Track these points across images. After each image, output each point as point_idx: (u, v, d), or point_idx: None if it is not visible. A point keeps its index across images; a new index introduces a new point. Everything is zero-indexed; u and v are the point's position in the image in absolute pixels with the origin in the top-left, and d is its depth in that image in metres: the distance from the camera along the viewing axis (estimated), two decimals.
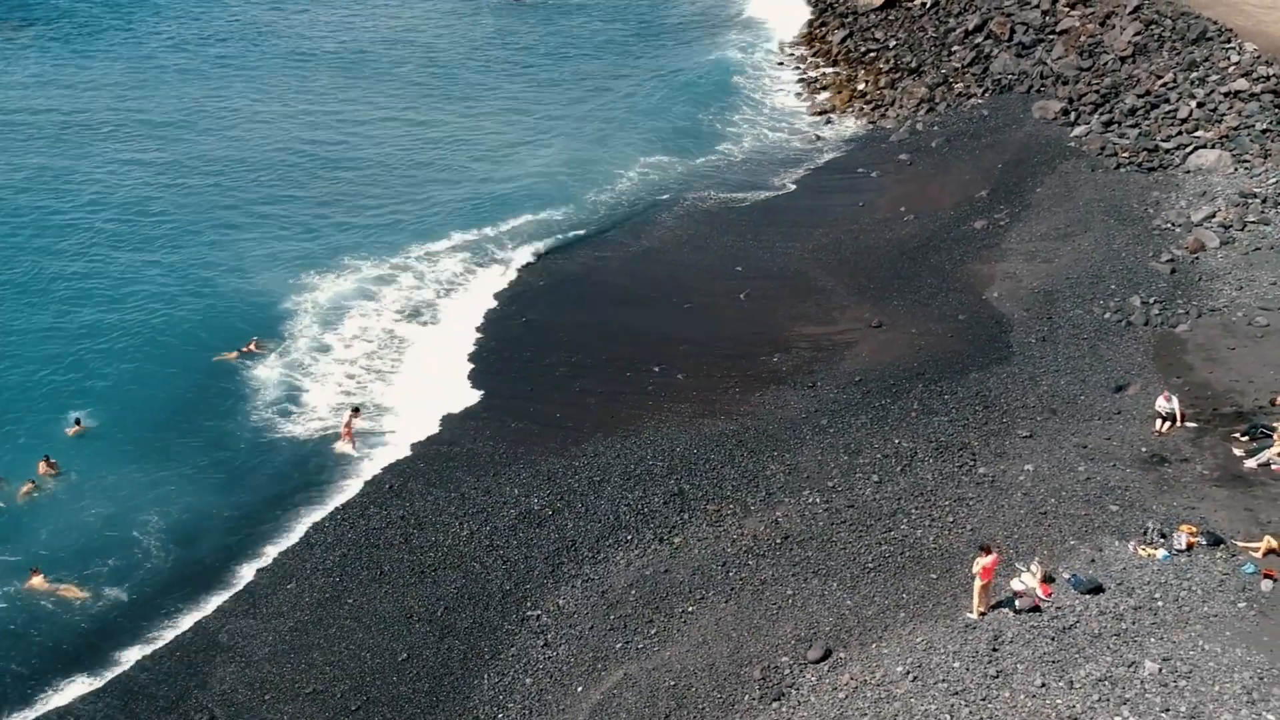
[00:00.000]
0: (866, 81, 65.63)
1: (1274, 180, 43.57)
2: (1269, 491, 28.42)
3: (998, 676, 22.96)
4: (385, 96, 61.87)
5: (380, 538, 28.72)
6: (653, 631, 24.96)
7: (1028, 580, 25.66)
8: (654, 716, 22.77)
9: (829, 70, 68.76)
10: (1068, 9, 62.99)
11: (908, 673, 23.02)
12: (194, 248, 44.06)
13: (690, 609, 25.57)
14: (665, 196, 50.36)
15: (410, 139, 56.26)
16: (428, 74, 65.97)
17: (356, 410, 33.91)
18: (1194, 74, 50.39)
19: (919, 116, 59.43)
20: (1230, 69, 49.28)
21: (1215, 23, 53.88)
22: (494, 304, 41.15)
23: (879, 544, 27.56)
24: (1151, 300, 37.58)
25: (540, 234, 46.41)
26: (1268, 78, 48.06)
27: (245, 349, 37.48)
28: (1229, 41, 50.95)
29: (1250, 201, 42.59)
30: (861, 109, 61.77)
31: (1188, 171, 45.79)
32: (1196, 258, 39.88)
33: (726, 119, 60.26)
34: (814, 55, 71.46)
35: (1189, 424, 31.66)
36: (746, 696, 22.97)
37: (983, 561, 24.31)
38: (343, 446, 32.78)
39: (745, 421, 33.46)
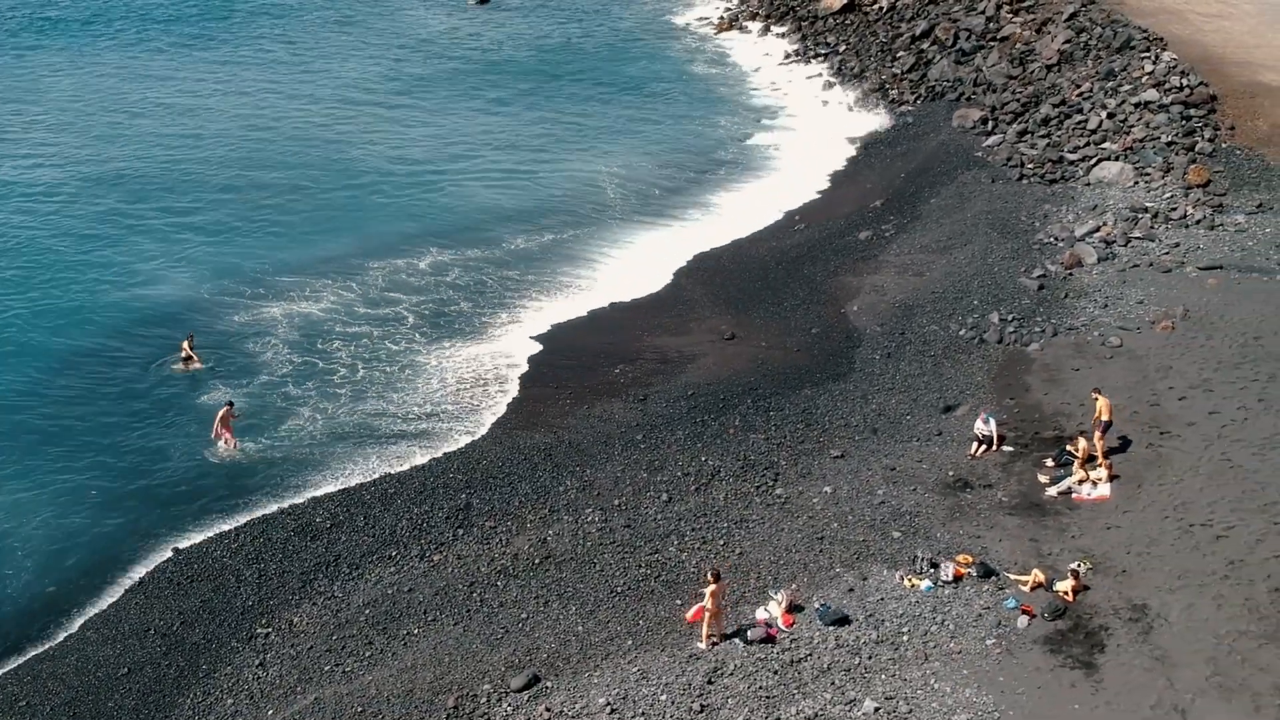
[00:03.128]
0: (805, 84, 64.25)
1: (1169, 195, 42.02)
2: (1060, 522, 27.18)
3: (702, 712, 21.96)
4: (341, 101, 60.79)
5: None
6: (367, 654, 24.14)
7: (772, 609, 24.58)
8: None
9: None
10: (1010, 15, 61.45)
11: (608, 704, 22.05)
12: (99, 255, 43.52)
13: (415, 631, 24.73)
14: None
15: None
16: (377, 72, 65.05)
17: (231, 405, 32.97)
18: (1110, 83, 48.70)
19: (855, 122, 58.08)
20: (1143, 79, 47.56)
21: (1144, 31, 52.27)
22: (331, 315, 40.09)
23: (639, 567, 26.59)
24: (1010, 317, 36.27)
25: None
26: (1180, 88, 46.37)
27: (184, 360, 36.42)
28: (1147, 50, 49.18)
29: (1140, 217, 41.11)
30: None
31: (1088, 184, 44.30)
32: (1071, 274, 38.47)
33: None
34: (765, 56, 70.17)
35: (1006, 448, 30.37)
36: None
37: (708, 589, 23.30)
38: (224, 448, 31.98)
39: (562, 435, 32.56)
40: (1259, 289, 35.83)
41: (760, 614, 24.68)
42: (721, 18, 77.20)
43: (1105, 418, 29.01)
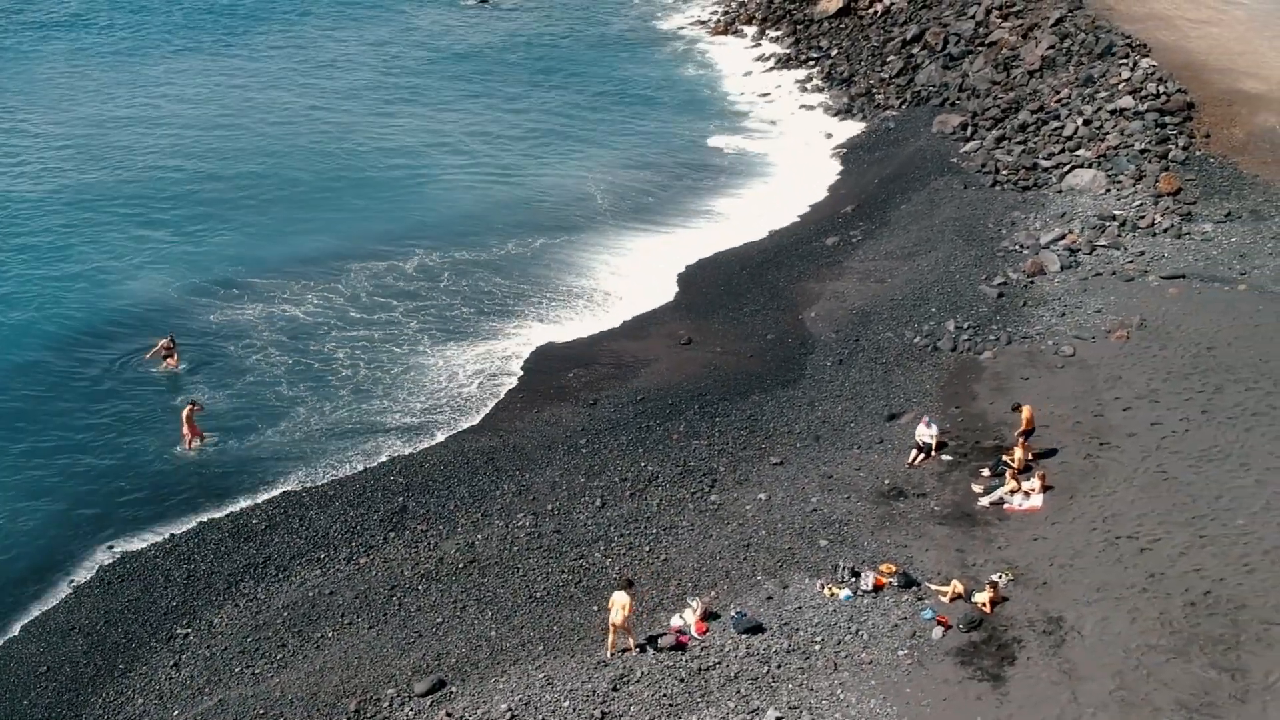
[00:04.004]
0: (793, 91, 64.09)
1: (1138, 203, 41.68)
2: (988, 532, 26.99)
3: (603, 719, 21.86)
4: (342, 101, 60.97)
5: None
6: (279, 656, 24.22)
7: (687, 616, 24.53)
8: None
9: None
10: (1000, 20, 61.10)
11: (510, 710, 22.07)
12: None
13: (330, 634, 24.80)
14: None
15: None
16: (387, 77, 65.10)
17: (194, 404, 33.02)
18: (1088, 90, 48.36)
19: (836, 128, 57.89)
20: (1120, 85, 47.19)
21: (1127, 38, 51.85)
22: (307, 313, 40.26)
23: (562, 572, 26.59)
24: (966, 325, 36.07)
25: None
26: (1156, 95, 45.97)
27: (161, 357, 36.41)
28: (1126, 57, 48.79)
29: (1107, 225, 40.82)
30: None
31: (1059, 191, 44.01)
32: (1032, 281, 38.24)
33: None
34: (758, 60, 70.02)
35: (944, 456, 30.20)
36: None
37: (620, 598, 23.32)
38: (184, 448, 32.15)
39: (508, 438, 32.61)
40: (1219, 298, 35.47)
41: (675, 621, 24.63)
42: (719, 21, 77.11)
43: (1024, 427, 28.95)
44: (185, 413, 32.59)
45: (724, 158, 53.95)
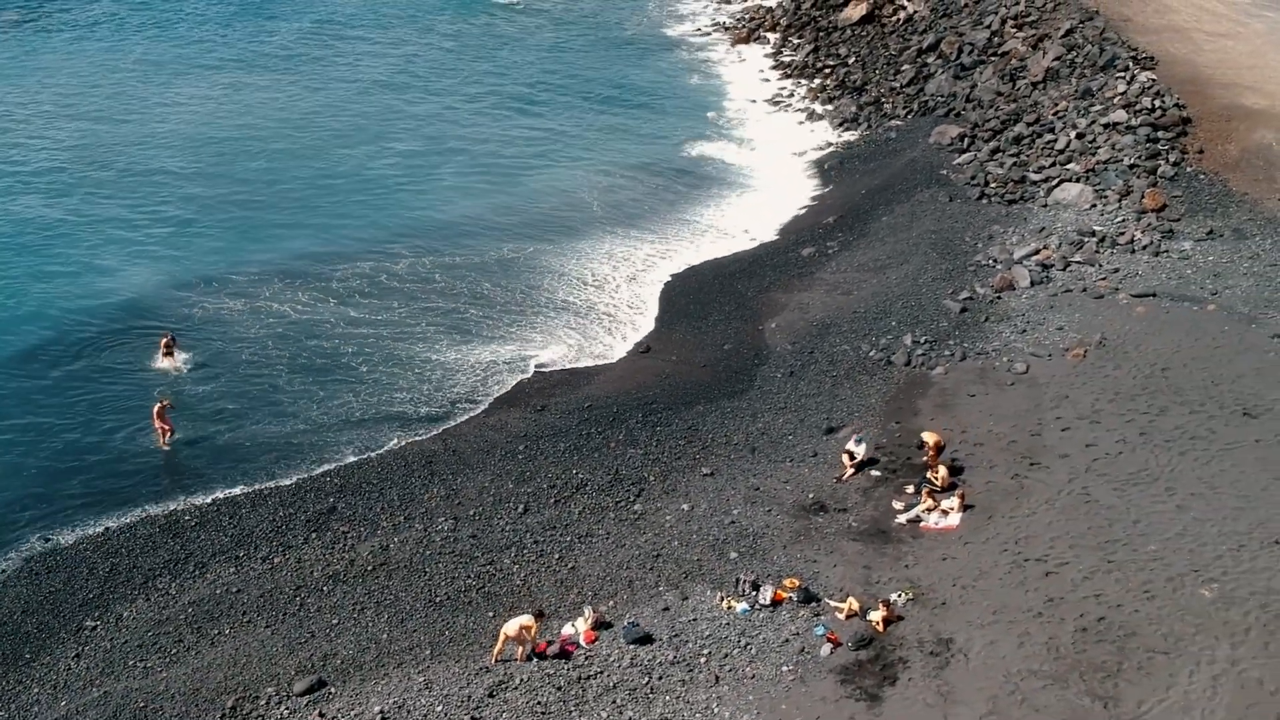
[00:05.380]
0: (803, 99, 63.81)
1: (1120, 219, 40.93)
2: (899, 550, 26.73)
3: None
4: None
5: None
6: (174, 651, 24.62)
7: (579, 625, 24.57)
8: None
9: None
10: (1015, 30, 60.31)
11: (382, 712, 22.25)
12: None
13: (227, 631, 25.15)
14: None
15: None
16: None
17: (165, 401, 33.35)
18: (1084, 103, 47.57)
19: (838, 137, 57.57)
20: (1115, 99, 46.36)
21: (1133, 50, 50.88)
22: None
23: (467, 578, 26.76)
24: (923, 339, 35.68)
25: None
26: (1151, 110, 45.10)
27: (163, 357, 36.92)
28: (1126, 70, 47.92)
29: (1086, 240, 40.15)
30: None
31: (1044, 205, 43.36)
32: (999, 297, 37.72)
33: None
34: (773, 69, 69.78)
35: (874, 472, 29.92)
36: None
37: (526, 621, 23.53)
38: (157, 441, 32.68)
39: (450, 442, 32.89)
40: (1185, 318, 34.75)
41: (566, 629, 24.64)
42: (741, 28, 76.89)
43: (931, 453, 28.63)
44: (155, 409, 33.11)
45: (721, 167, 53.81)
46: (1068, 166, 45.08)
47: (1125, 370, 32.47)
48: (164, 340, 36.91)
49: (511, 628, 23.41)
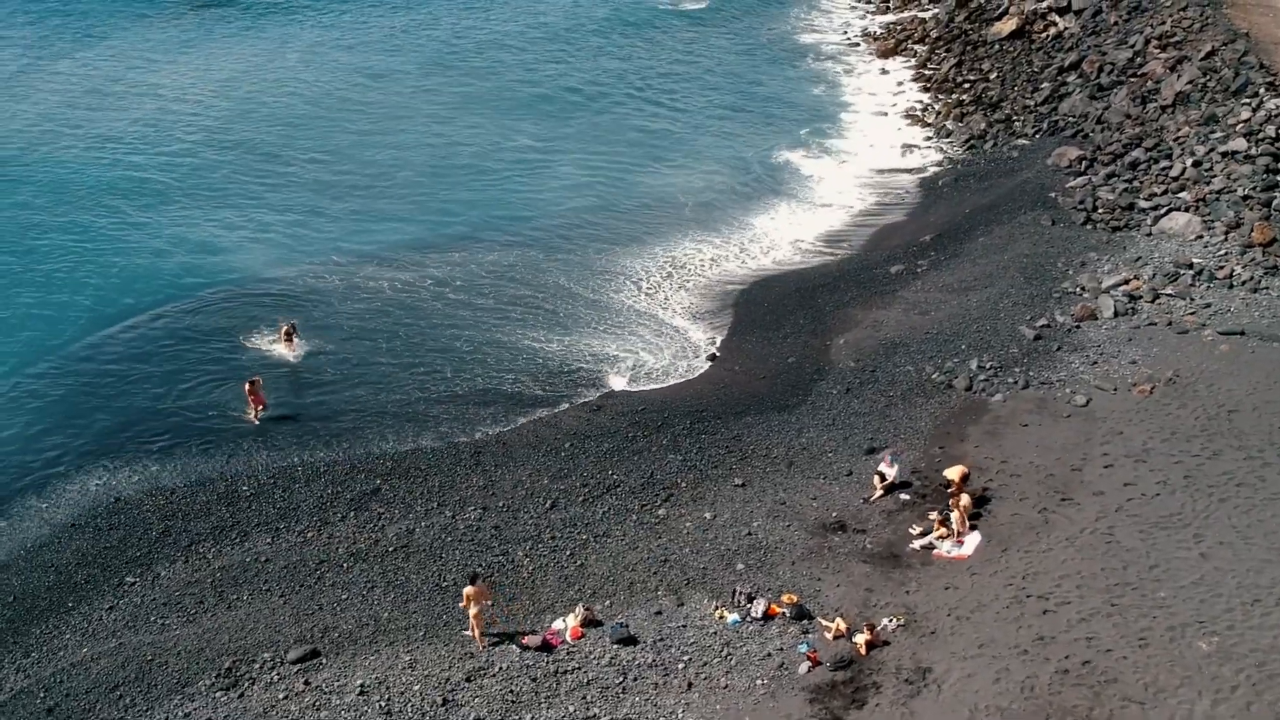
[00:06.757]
0: (938, 113, 62.87)
1: (1223, 252, 39.32)
2: (904, 574, 26.59)
3: (443, 705, 23.06)
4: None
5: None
6: (194, 612, 26.24)
7: (569, 620, 25.30)
8: (112, 681, 24.15)
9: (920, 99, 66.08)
10: (1158, 51, 58.12)
11: (362, 685, 23.40)
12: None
13: (245, 597, 26.69)
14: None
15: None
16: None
17: (256, 379, 35.02)
18: (1206, 129, 45.69)
19: (961, 154, 56.62)
20: (1238, 125, 44.40)
21: (1272, 76, 48.49)
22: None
23: (478, 566, 27.69)
24: (989, 365, 35.09)
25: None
26: (1275, 138, 43.03)
27: (284, 340, 38.53)
28: (1255, 96, 45.80)
29: (1182, 273, 38.68)
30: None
31: (1148, 234, 41.90)
32: (1079, 326, 36.74)
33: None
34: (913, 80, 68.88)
35: (903, 495, 29.73)
36: (203, 682, 23.97)
37: (466, 590, 24.36)
38: (250, 415, 34.59)
39: (503, 435, 33.85)
40: (1270, 360, 33.27)
41: (556, 624, 25.34)
42: (889, 37, 75.96)
43: (955, 489, 28.15)
44: (246, 386, 35.13)
45: (828, 179, 53.32)
46: (1179, 195, 43.32)
47: (1189, 409, 31.28)
48: (285, 328, 38.46)
49: (472, 609, 24.19)
